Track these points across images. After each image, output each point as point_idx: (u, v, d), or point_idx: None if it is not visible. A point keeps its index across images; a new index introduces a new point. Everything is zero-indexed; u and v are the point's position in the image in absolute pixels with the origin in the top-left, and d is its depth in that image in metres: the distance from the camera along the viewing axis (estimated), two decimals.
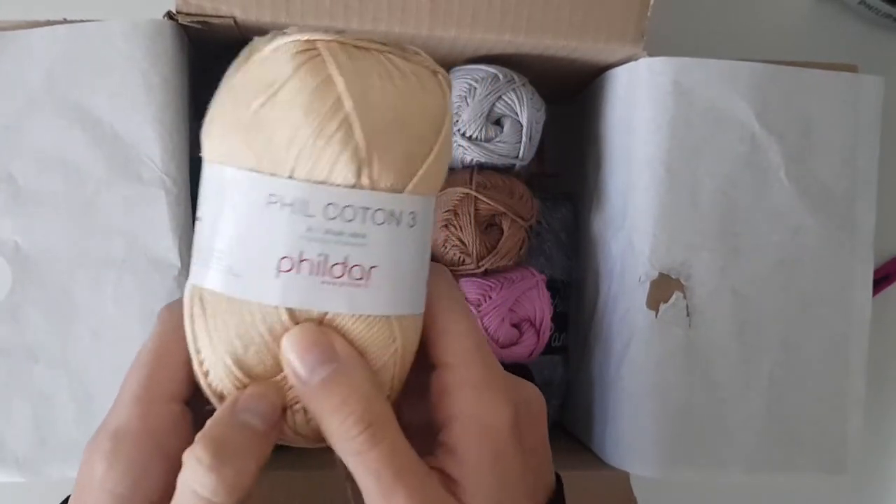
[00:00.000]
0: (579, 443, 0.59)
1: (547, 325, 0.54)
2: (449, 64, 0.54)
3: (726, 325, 0.51)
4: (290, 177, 0.26)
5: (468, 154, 0.53)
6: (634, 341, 0.51)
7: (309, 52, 0.26)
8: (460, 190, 0.52)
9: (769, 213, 0.51)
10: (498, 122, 0.53)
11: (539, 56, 0.52)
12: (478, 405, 0.28)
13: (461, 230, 0.52)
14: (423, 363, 0.30)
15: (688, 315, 0.50)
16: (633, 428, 0.51)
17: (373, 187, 0.26)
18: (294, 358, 0.26)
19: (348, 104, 0.26)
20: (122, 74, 0.46)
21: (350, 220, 0.26)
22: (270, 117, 0.26)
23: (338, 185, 0.26)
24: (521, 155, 0.53)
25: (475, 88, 0.52)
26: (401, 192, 0.27)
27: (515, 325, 0.54)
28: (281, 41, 0.26)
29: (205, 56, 0.52)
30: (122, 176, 0.46)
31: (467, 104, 0.52)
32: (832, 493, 0.66)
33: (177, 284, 0.46)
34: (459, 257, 0.53)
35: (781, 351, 0.51)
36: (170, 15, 0.46)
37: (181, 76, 0.47)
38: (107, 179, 0.46)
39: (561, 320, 0.61)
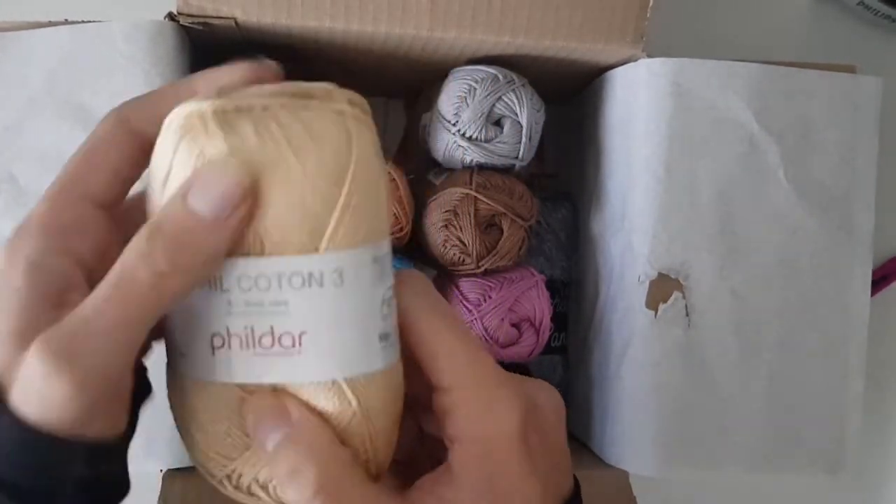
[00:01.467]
0: (579, 442, 0.59)
1: (546, 324, 0.54)
2: (449, 65, 0.54)
3: (725, 325, 0.51)
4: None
5: (468, 154, 0.53)
6: (634, 341, 0.51)
7: (186, 124, 0.25)
8: (460, 190, 0.53)
9: (768, 213, 0.51)
10: (498, 123, 0.53)
11: (539, 57, 0.52)
12: (475, 426, 0.27)
13: (461, 230, 0.52)
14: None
15: (687, 315, 0.50)
16: (632, 427, 0.51)
17: (280, 252, 0.25)
18: (250, 425, 0.26)
19: None
20: (124, 75, 0.46)
21: (266, 289, 0.25)
22: (160, 189, 0.26)
23: (245, 256, 0.25)
24: (520, 155, 0.53)
25: (475, 89, 0.52)
26: (314, 251, 0.25)
27: (515, 325, 0.54)
28: (169, 117, 0.26)
29: (206, 57, 0.53)
30: None
31: (467, 105, 0.52)
32: (831, 492, 0.67)
33: None
34: (459, 257, 0.53)
35: (780, 351, 0.51)
36: (171, 16, 0.47)
37: (182, 77, 0.47)
38: None
39: (560, 320, 0.61)
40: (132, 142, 0.27)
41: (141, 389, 0.29)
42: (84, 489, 0.24)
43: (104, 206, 0.27)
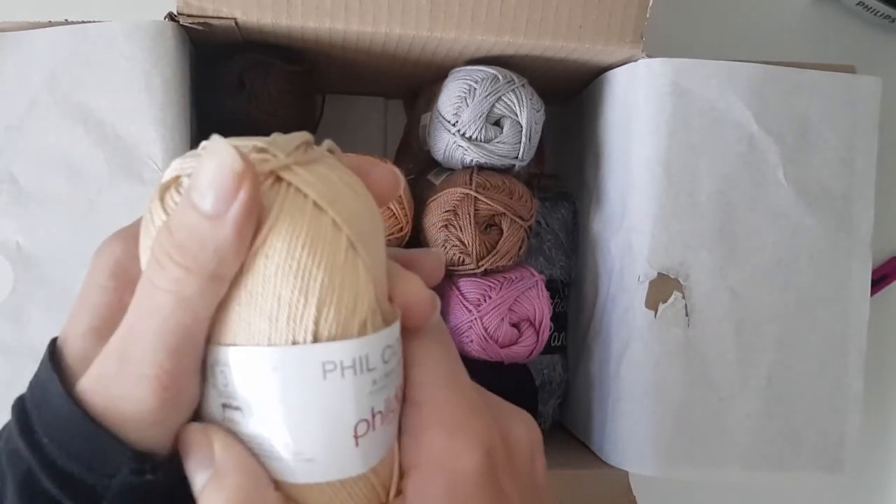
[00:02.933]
0: (579, 442, 0.59)
1: (546, 324, 0.54)
2: (449, 65, 0.54)
3: (725, 325, 0.51)
4: (334, 337, 0.22)
5: (468, 154, 0.53)
6: (633, 341, 0.51)
7: (280, 183, 0.22)
8: (460, 190, 0.53)
9: (767, 213, 0.51)
10: (497, 123, 0.53)
11: (538, 57, 0.52)
12: (443, 451, 0.25)
13: (461, 230, 0.52)
14: None
15: (686, 315, 0.50)
16: (632, 427, 0.51)
17: (390, 320, 0.24)
18: (185, 464, 0.24)
19: (345, 228, 0.22)
20: (124, 75, 0.46)
21: (393, 356, 0.24)
22: (272, 273, 0.22)
23: (376, 331, 0.23)
24: (520, 155, 0.53)
25: (475, 89, 0.52)
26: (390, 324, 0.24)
27: (515, 325, 0.54)
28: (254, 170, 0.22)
29: (206, 57, 0.53)
30: (123, 176, 0.46)
31: (467, 105, 0.52)
32: (830, 491, 0.67)
33: None
34: (459, 257, 0.53)
35: (779, 350, 0.51)
36: (171, 16, 0.47)
37: (183, 77, 0.47)
38: (108, 180, 0.46)
39: (560, 320, 0.61)
40: None
41: None
42: (128, 494, 0.24)
43: None
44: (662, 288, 0.50)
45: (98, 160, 0.46)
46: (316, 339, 0.22)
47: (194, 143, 0.50)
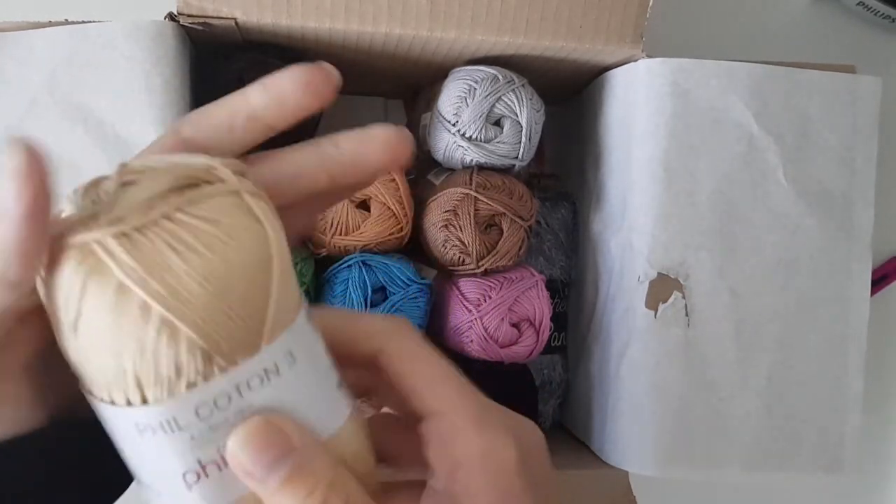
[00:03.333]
0: (579, 442, 0.59)
1: (546, 324, 0.54)
2: (449, 65, 0.54)
3: (725, 325, 0.51)
4: (144, 401, 0.23)
5: (468, 155, 0.53)
6: (633, 341, 0.51)
7: (89, 258, 0.22)
8: (460, 190, 0.53)
9: (767, 213, 0.51)
10: (497, 123, 0.53)
11: (538, 57, 0.52)
12: (480, 447, 0.26)
13: (461, 230, 0.52)
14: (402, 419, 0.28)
15: (686, 315, 0.50)
16: (631, 427, 0.51)
17: (231, 366, 0.23)
18: (248, 461, 0.23)
19: (156, 305, 0.22)
20: (124, 75, 0.46)
21: (228, 405, 0.23)
22: (85, 345, 0.23)
23: (195, 387, 0.23)
24: (520, 155, 0.53)
25: (475, 89, 0.52)
26: (259, 350, 0.23)
27: (515, 325, 0.54)
28: (55, 248, 0.22)
29: (206, 57, 0.53)
30: None
31: (467, 105, 0.52)
32: (830, 491, 0.67)
33: None
34: (459, 257, 0.53)
35: (779, 350, 0.51)
36: (171, 16, 0.47)
37: (183, 77, 0.47)
38: None
39: (560, 320, 0.61)
40: (179, 147, 0.27)
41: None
42: None
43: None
44: (662, 288, 0.50)
45: (98, 160, 0.46)
46: (129, 403, 0.23)
47: None
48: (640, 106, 0.50)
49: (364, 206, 0.53)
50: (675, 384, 0.50)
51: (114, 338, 0.22)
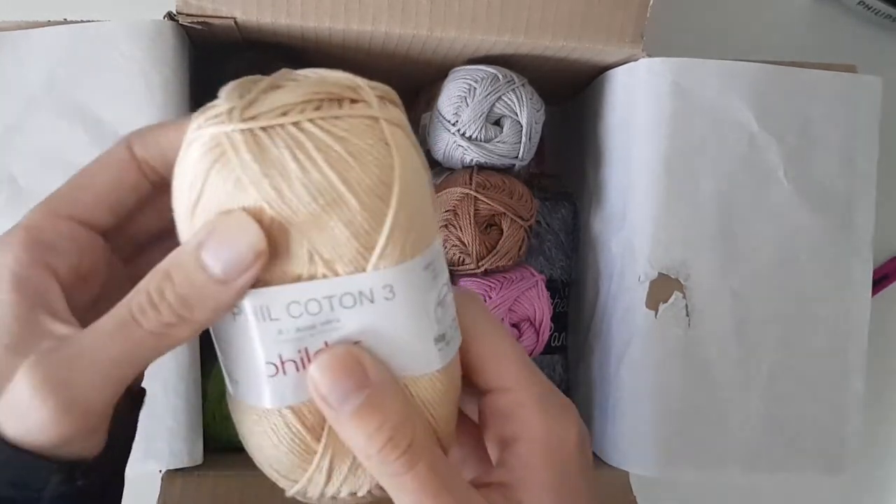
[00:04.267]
0: None
1: (546, 324, 0.54)
2: (449, 64, 0.54)
3: (725, 325, 0.51)
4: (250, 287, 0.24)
5: (468, 154, 0.53)
6: (634, 341, 0.51)
7: (214, 149, 0.24)
8: (460, 190, 0.53)
9: (768, 213, 0.51)
10: (497, 123, 0.53)
11: (538, 56, 0.52)
12: (544, 425, 0.28)
13: (461, 230, 0.52)
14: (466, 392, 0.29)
15: (687, 315, 0.50)
16: (632, 427, 0.51)
17: (330, 275, 0.24)
18: (324, 386, 0.25)
19: (267, 206, 0.23)
20: (123, 75, 0.46)
21: (317, 313, 0.25)
22: (200, 226, 0.24)
23: (292, 283, 0.24)
24: (520, 155, 0.53)
25: (475, 89, 0.52)
26: (363, 271, 0.24)
27: (515, 325, 0.54)
28: (191, 136, 0.24)
29: (205, 56, 0.52)
30: None
31: (467, 104, 0.52)
32: (831, 492, 0.66)
33: None
34: (459, 257, 0.53)
35: (780, 351, 0.51)
36: (170, 15, 0.47)
37: (182, 77, 0.47)
38: None
39: (560, 320, 0.61)
40: (130, 166, 0.27)
41: (138, 397, 0.29)
42: (60, 501, 0.24)
43: (94, 227, 0.27)
44: (663, 288, 0.50)
45: None
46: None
47: None
48: (640, 105, 0.50)
49: None
50: (675, 384, 0.50)
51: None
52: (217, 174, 0.23)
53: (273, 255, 0.24)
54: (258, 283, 0.24)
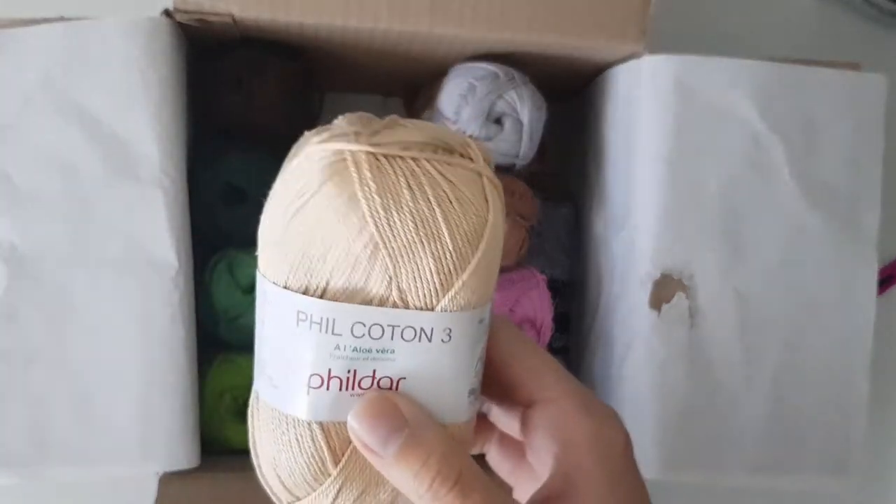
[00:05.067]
0: None
1: (548, 325, 0.54)
2: (449, 62, 0.54)
3: (729, 326, 0.50)
4: (321, 295, 0.26)
5: None
6: (636, 342, 0.50)
7: (337, 163, 0.25)
8: None
9: (772, 212, 0.50)
10: (498, 121, 0.52)
11: (540, 54, 0.52)
12: (592, 428, 0.28)
13: None
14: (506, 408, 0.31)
15: (690, 315, 0.50)
16: (634, 429, 0.49)
17: (400, 306, 0.26)
18: (364, 433, 0.25)
19: (372, 223, 0.25)
20: (120, 73, 0.45)
21: (378, 339, 0.26)
22: (300, 231, 0.26)
23: (365, 304, 0.26)
24: (521, 154, 0.53)
25: (475, 87, 0.51)
26: (432, 309, 0.26)
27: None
28: (312, 148, 0.26)
29: (202, 54, 0.52)
30: (119, 175, 0.46)
31: (467, 103, 0.51)
32: (835, 494, 0.66)
33: (174, 284, 0.46)
34: None
35: (784, 351, 0.51)
36: (167, 13, 0.46)
37: (179, 74, 0.47)
38: (104, 179, 0.46)
39: (562, 321, 0.60)
40: None
41: None
42: None
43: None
44: (666, 288, 0.50)
45: (93, 159, 0.46)
46: (305, 291, 0.26)
47: (190, 141, 0.50)
48: (643, 103, 0.50)
49: None
50: (678, 386, 0.50)
51: (328, 234, 0.25)
52: (333, 185, 0.25)
53: (359, 273, 0.26)
54: (333, 295, 0.26)
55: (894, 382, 0.67)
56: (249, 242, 0.51)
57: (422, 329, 0.26)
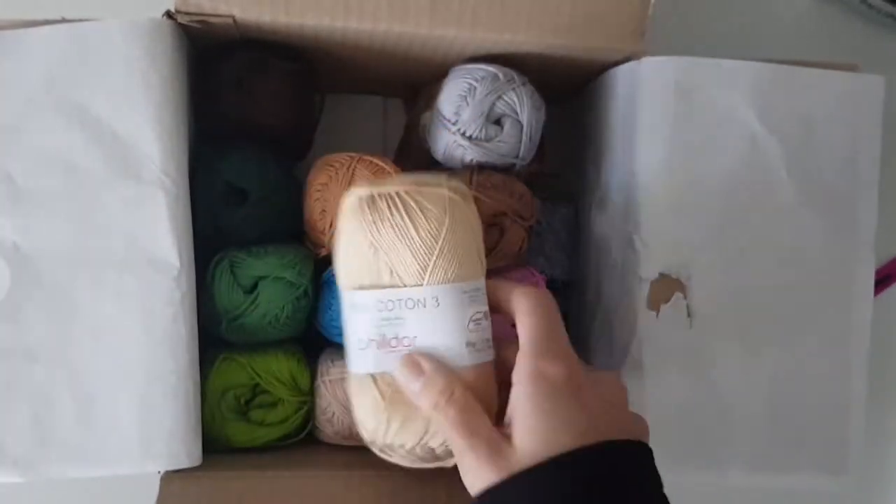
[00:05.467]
0: None
1: None
2: (449, 63, 0.54)
3: (727, 326, 0.50)
4: (357, 288, 0.41)
5: (468, 154, 0.52)
6: (635, 342, 0.51)
7: (355, 201, 0.41)
8: None
9: (770, 212, 0.51)
10: (498, 122, 0.53)
11: (539, 55, 0.52)
12: (533, 367, 0.38)
13: None
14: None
15: (688, 315, 0.50)
16: None
17: (400, 286, 0.40)
18: (401, 378, 0.40)
19: (372, 239, 0.41)
20: (122, 74, 0.45)
21: (392, 310, 0.40)
22: (341, 248, 0.43)
23: (380, 289, 0.41)
24: (521, 154, 0.53)
25: (475, 88, 0.51)
26: (420, 284, 0.40)
27: (515, 326, 0.54)
28: (347, 194, 0.42)
29: (203, 55, 0.52)
30: (121, 175, 0.46)
31: (467, 104, 0.51)
32: (833, 494, 0.66)
33: (176, 284, 0.46)
34: None
35: (782, 351, 0.51)
36: (169, 14, 0.46)
37: (180, 75, 0.47)
38: (106, 179, 0.46)
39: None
40: None
41: None
42: None
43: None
44: (664, 288, 0.50)
45: (95, 159, 0.46)
46: (349, 288, 0.42)
47: (192, 142, 0.50)
48: (642, 104, 0.50)
49: None
50: (676, 385, 0.50)
51: (352, 250, 0.42)
52: (353, 215, 0.41)
53: (373, 270, 0.41)
54: (363, 287, 0.41)
55: (892, 382, 0.67)
56: (250, 242, 0.51)
57: (417, 299, 0.40)
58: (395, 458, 0.43)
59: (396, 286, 0.40)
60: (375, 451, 0.43)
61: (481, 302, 0.42)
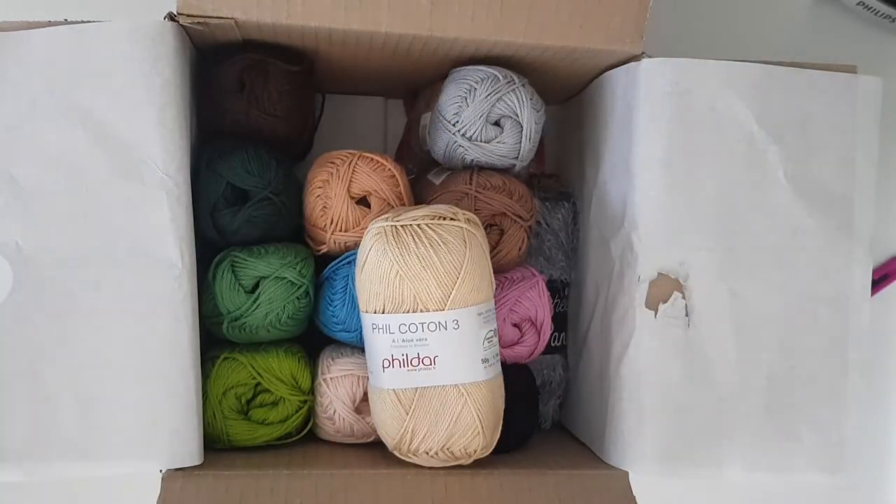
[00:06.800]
0: (579, 442, 0.59)
1: (548, 324, 0.54)
2: (449, 65, 0.54)
3: (725, 325, 0.51)
4: (381, 312, 0.47)
5: (468, 154, 0.53)
6: (633, 341, 0.51)
7: (378, 234, 0.46)
8: (461, 190, 0.53)
9: (768, 213, 0.51)
10: (498, 123, 0.53)
11: (539, 57, 0.52)
12: None
13: None
14: None
15: (686, 315, 0.50)
16: (632, 427, 0.51)
17: (423, 310, 0.46)
18: None
19: (396, 268, 0.45)
20: (124, 76, 0.46)
21: (415, 332, 0.46)
22: (365, 277, 0.47)
23: (403, 313, 0.46)
24: (520, 155, 0.53)
25: (475, 89, 0.52)
26: (442, 309, 0.46)
27: (516, 325, 0.54)
28: (369, 227, 0.47)
29: (206, 57, 0.53)
30: (123, 177, 0.46)
31: (467, 105, 0.52)
32: (830, 491, 0.67)
33: (178, 284, 0.46)
34: None
35: (780, 350, 0.51)
36: (171, 16, 0.47)
37: (182, 77, 0.47)
38: (108, 180, 0.46)
39: (560, 320, 0.61)
40: None
41: None
42: None
43: None
44: (662, 288, 0.50)
45: (98, 160, 0.46)
46: (374, 311, 0.47)
47: (194, 143, 0.50)
48: (640, 106, 0.50)
49: (364, 202, 0.52)
50: (675, 384, 0.50)
51: (376, 277, 0.46)
52: (376, 245, 0.46)
53: (397, 295, 0.46)
54: (386, 310, 0.46)
55: (888, 381, 0.67)
56: (251, 242, 0.52)
57: (439, 322, 0.46)
58: (416, 461, 0.48)
59: (420, 310, 0.45)
60: (398, 455, 0.48)
61: (493, 321, 0.48)
